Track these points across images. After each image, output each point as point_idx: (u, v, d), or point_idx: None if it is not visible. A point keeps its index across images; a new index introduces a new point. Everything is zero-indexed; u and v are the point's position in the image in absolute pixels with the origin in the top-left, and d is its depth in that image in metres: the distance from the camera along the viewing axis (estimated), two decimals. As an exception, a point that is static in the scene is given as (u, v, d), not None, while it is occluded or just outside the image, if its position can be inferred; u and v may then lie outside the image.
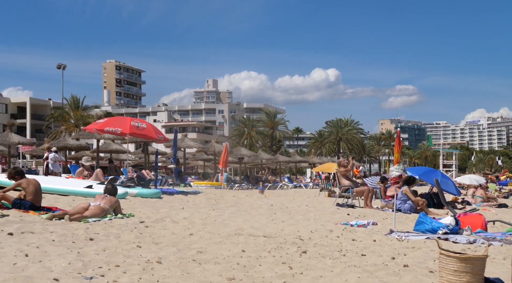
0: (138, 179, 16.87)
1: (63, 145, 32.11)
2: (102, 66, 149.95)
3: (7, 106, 77.00)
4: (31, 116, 76.64)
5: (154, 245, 6.64)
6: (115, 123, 17.02)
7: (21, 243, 6.17)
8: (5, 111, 75.86)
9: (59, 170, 22.72)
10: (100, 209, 9.13)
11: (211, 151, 38.32)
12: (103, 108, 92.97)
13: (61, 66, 56.83)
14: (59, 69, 57.21)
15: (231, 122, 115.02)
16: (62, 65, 56.83)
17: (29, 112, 76.69)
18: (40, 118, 75.21)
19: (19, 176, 9.60)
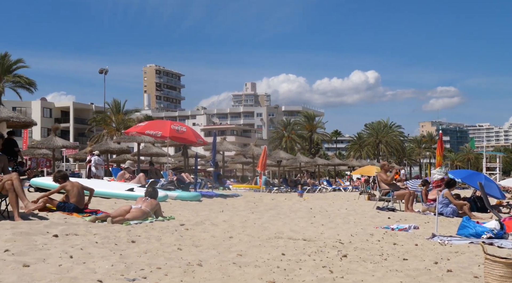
0: (178, 182, 17.04)
1: (105, 148, 32.72)
2: (143, 70, 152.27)
3: (51, 111, 78.96)
4: (74, 120, 78.39)
5: (194, 247, 6.69)
6: (156, 126, 17.26)
7: (65, 244, 6.29)
8: (49, 115, 77.80)
9: (101, 173, 23.14)
10: (141, 212, 9.25)
11: (249, 154, 38.43)
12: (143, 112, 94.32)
13: (103, 71, 57.89)
14: (101, 74, 58.27)
15: (270, 125, 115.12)
16: (104, 70, 57.90)
17: (72, 116, 78.47)
18: (82, 122, 76.89)
19: (63, 179, 9.83)
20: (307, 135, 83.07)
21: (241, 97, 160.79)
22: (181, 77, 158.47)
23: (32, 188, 14.15)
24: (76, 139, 70.84)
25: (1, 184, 8.01)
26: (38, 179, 15.18)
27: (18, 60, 57.26)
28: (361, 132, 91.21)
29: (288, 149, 75.29)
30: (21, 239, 6.42)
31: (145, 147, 35.08)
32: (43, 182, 14.23)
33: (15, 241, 6.26)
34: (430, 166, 70.68)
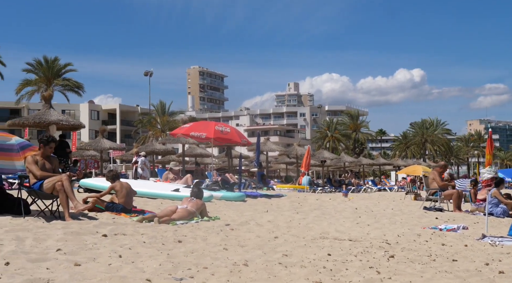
0: (222, 182, 17.15)
1: (150, 150, 33.25)
2: (186, 72, 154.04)
3: (98, 113, 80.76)
4: (121, 122, 79.94)
5: (240, 247, 6.72)
6: (200, 128, 17.44)
7: (114, 244, 6.42)
8: (97, 118, 79.56)
9: (147, 174, 23.49)
10: (187, 212, 9.35)
11: (293, 154, 38.36)
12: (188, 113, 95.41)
13: (148, 73, 58.87)
14: (146, 76, 59.31)
15: (313, 125, 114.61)
16: (149, 72, 58.87)
17: (118, 118, 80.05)
18: (129, 124, 78.34)
19: (114, 179, 10.07)
20: (351, 135, 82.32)
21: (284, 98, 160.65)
22: (224, 78, 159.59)
23: (81, 188, 14.50)
24: (123, 141, 72.21)
25: (52, 185, 8.24)
26: (87, 180, 15.56)
27: (67, 64, 58.84)
28: (407, 131, 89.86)
29: (331, 148, 74.82)
30: (72, 238, 6.59)
31: (190, 147, 35.51)
32: (92, 183, 14.58)
33: (66, 240, 6.43)
34: (478, 165, 68.98)
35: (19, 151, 8.89)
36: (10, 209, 8.43)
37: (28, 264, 5.04)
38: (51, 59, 57.76)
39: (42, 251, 5.74)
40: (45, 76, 56.77)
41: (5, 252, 5.51)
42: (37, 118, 20.10)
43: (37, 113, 21.16)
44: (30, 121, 20.39)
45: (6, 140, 8.90)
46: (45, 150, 8.66)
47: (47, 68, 56.91)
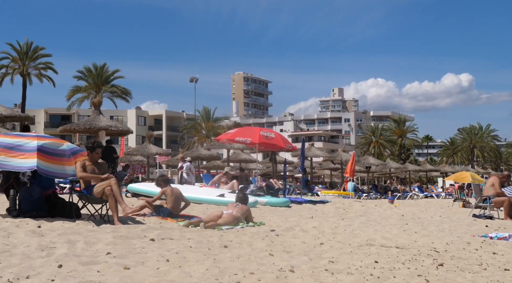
0: (267, 188, 17.18)
1: (196, 155, 33.61)
2: (231, 78, 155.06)
3: (145, 119, 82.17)
4: (167, 128, 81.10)
5: (285, 253, 6.71)
6: (245, 133, 17.54)
7: (162, 248, 6.52)
8: (143, 123, 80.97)
9: (192, 179, 23.72)
10: (232, 217, 9.41)
11: (337, 159, 38.09)
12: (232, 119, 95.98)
13: (193, 80, 59.58)
14: (191, 82, 60.04)
15: (358, 131, 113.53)
16: (194, 79, 59.57)
17: (164, 124, 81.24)
18: (174, 130, 79.41)
19: (165, 183, 10.25)
20: (397, 141, 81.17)
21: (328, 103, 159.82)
22: (269, 84, 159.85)
23: (129, 193, 14.77)
24: (169, 147, 73.22)
25: (102, 189, 8.44)
26: (135, 185, 15.85)
27: (115, 70, 60.23)
28: (454, 137, 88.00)
29: (377, 154, 73.92)
30: (121, 242, 6.72)
31: (234, 153, 35.71)
32: (139, 188, 14.85)
33: (115, 244, 6.57)
34: (530, 172, 66.85)
35: (70, 156, 9.15)
36: (62, 213, 8.68)
37: (79, 267, 5.17)
38: (100, 66, 59.25)
39: (93, 254, 5.89)
40: (95, 83, 58.26)
41: (58, 255, 5.67)
42: (87, 124, 20.63)
43: (87, 120, 21.72)
44: (80, 127, 20.95)
45: (58, 145, 9.16)
46: (92, 155, 8.89)
47: (96, 75, 58.41)
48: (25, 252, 5.79)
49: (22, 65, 52.19)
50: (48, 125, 72.84)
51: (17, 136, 9.18)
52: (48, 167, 8.64)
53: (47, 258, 5.49)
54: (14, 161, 8.51)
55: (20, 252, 5.74)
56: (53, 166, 8.77)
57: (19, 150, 8.64)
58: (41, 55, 53.70)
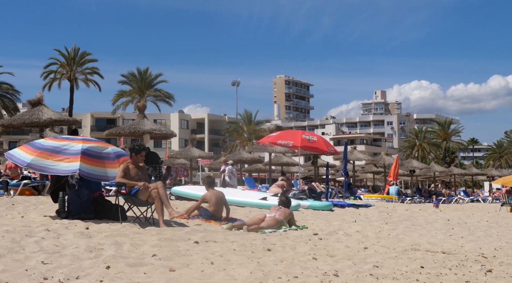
0: (309, 191, 17.12)
1: (238, 158, 33.77)
2: (273, 81, 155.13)
3: (188, 123, 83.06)
4: (209, 131, 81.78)
5: (329, 257, 6.68)
6: (287, 136, 17.51)
7: (206, 251, 6.58)
8: (186, 127, 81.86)
9: (234, 182, 23.84)
10: (275, 221, 9.42)
11: (380, 163, 37.65)
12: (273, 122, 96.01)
13: (235, 83, 59.91)
14: (233, 86, 60.38)
15: (401, 134, 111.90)
16: (236, 82, 59.89)
17: (207, 127, 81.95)
18: (216, 133, 79.98)
19: (209, 185, 10.34)
20: (441, 144, 79.62)
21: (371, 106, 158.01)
22: (310, 87, 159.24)
23: (173, 196, 14.96)
24: (211, 150, 73.73)
25: (148, 192, 8.58)
26: (179, 188, 16.04)
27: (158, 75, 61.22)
28: (501, 140, 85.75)
29: (420, 157, 72.70)
30: (166, 244, 6.82)
31: (276, 156, 35.68)
32: (183, 191, 15.03)
33: (161, 246, 6.67)
34: None
35: (115, 159, 9.35)
36: (109, 215, 8.87)
37: (126, 268, 5.28)
38: (144, 70, 60.28)
39: (139, 256, 6.00)
40: (139, 87, 59.33)
41: (106, 256, 5.80)
42: (132, 128, 21.00)
43: (132, 123, 22.10)
44: (125, 131, 21.35)
45: (102, 149, 9.38)
46: (137, 158, 9.04)
47: (140, 80, 59.49)
48: (74, 253, 5.94)
49: (70, 70, 53.54)
50: (94, 129, 74.44)
51: (64, 140, 9.45)
52: (91, 169, 8.86)
53: (95, 259, 5.63)
54: (60, 165, 8.76)
55: (70, 253, 5.90)
56: (96, 168, 8.98)
57: (65, 153, 8.89)
58: (88, 60, 54.96)
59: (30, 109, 18.84)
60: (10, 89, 50.61)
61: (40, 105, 18.43)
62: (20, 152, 9.17)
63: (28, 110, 19.07)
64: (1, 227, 7.56)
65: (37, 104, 18.51)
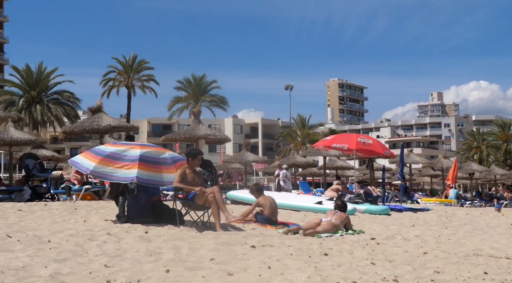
0: (365, 195, 16.91)
1: (292, 162, 33.71)
2: (326, 84, 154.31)
3: (241, 127, 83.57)
4: (262, 135, 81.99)
5: (388, 262, 6.58)
6: (342, 139, 17.39)
7: (263, 255, 6.60)
8: (240, 131, 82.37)
9: (289, 186, 23.80)
10: (331, 225, 9.35)
11: (438, 166, 36.77)
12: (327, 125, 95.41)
13: (288, 87, 59.86)
14: (286, 90, 60.33)
15: (459, 136, 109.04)
16: (289, 86, 59.84)
17: (260, 132, 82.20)
18: (270, 137, 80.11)
19: (258, 192, 10.39)
20: (502, 146, 77.04)
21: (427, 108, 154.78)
22: (364, 90, 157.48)
23: (228, 200, 15.08)
24: (264, 154, 73.94)
25: (205, 197, 8.69)
26: (234, 192, 16.16)
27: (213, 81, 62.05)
28: None
29: (479, 160, 70.58)
30: (223, 248, 6.88)
31: (330, 160, 35.44)
32: (238, 195, 15.14)
33: (218, 250, 6.73)
34: None
35: (172, 164, 9.51)
36: (167, 219, 9.03)
37: (185, 272, 5.36)
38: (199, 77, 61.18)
39: (197, 260, 6.08)
40: (194, 93, 60.29)
41: (165, 260, 5.91)
42: (188, 133, 21.33)
43: (187, 129, 22.45)
44: (181, 136, 21.72)
45: (159, 154, 9.56)
46: (193, 162, 9.16)
47: (195, 86, 60.42)
48: (135, 256, 6.08)
49: (127, 77, 54.96)
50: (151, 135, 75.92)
51: (123, 145, 9.69)
52: (148, 176, 9.03)
53: (155, 263, 5.74)
54: (120, 172, 8.98)
55: (131, 257, 6.04)
56: (152, 174, 9.15)
57: (124, 159, 9.11)
58: (144, 67, 56.27)
59: (90, 116, 19.41)
60: (71, 97, 52.32)
61: (99, 112, 18.94)
62: (83, 159, 9.46)
63: (89, 117, 19.65)
64: (66, 230, 7.82)
65: (97, 111, 19.03)
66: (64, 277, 4.89)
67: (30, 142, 22.36)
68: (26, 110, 48.35)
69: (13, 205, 11.76)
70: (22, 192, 14.71)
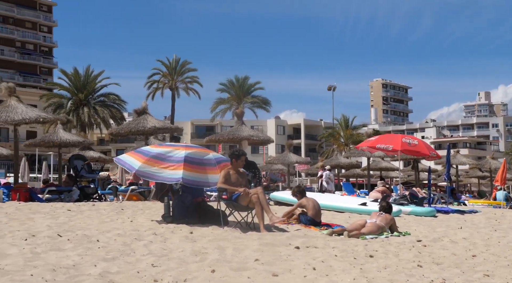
0: (410, 197, 16.65)
1: (335, 163, 33.47)
2: (369, 85, 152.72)
3: (284, 128, 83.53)
4: (305, 136, 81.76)
5: (435, 265, 6.47)
6: (386, 140, 17.15)
7: (307, 256, 6.58)
8: (283, 132, 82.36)
9: (332, 187, 23.66)
10: (376, 226, 9.25)
11: (486, 167, 35.90)
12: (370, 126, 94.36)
13: (331, 88, 59.47)
14: (329, 90, 59.93)
15: (507, 137, 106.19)
16: (332, 87, 59.44)
17: (303, 133, 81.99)
18: (313, 138, 79.81)
19: (300, 194, 10.36)
20: (554, 146, 74.65)
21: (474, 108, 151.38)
22: (408, 90, 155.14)
23: (271, 201, 15.09)
24: (307, 155, 73.69)
25: (249, 198, 8.72)
26: (277, 193, 16.18)
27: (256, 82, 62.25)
28: None
29: (530, 161, 68.54)
30: (267, 249, 6.89)
31: (374, 161, 35.01)
32: (282, 196, 15.14)
33: (262, 251, 6.75)
34: None
35: (216, 165, 9.59)
36: (211, 220, 9.10)
37: (231, 272, 5.40)
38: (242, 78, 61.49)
39: (242, 260, 6.11)
40: (237, 94, 60.59)
41: (210, 260, 5.96)
42: (231, 134, 21.46)
43: (230, 130, 22.58)
44: (224, 137, 21.87)
45: (203, 155, 9.66)
46: (237, 163, 9.20)
47: (238, 87, 60.73)
48: (181, 256, 6.15)
49: (171, 79, 55.72)
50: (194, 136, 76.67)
51: (168, 146, 9.84)
52: (192, 176, 9.13)
53: (200, 263, 5.80)
54: (165, 172, 9.11)
55: (176, 257, 6.12)
56: (197, 175, 9.24)
57: (169, 160, 9.24)
58: (188, 69, 56.95)
59: (136, 118, 19.74)
60: (117, 99, 53.32)
61: (145, 114, 19.25)
62: (129, 158, 9.64)
63: (134, 119, 19.99)
64: (113, 230, 7.99)
65: (142, 113, 19.35)
66: (112, 276, 4.99)
67: (78, 143, 22.94)
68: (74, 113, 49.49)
69: (62, 205, 12.08)
70: (71, 192, 15.09)
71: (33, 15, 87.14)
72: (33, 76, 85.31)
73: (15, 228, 7.88)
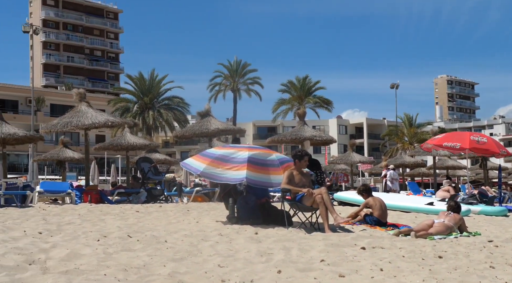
0: (480, 196, 16.14)
1: (399, 163, 32.88)
2: (433, 82, 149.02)
3: (346, 128, 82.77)
4: (368, 135, 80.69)
5: (508, 266, 6.24)
6: (454, 138, 16.70)
7: (373, 257, 6.50)
8: (345, 132, 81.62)
9: (397, 187, 23.25)
10: (444, 226, 9.02)
11: (561, 164, 34.32)
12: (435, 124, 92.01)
13: (394, 86, 58.48)
14: (392, 88, 58.97)
15: None
16: (395, 85, 58.45)
17: (365, 132, 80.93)
18: (376, 138, 78.69)
19: (367, 193, 10.25)
20: None
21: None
22: (475, 86, 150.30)
23: (335, 201, 15.01)
24: (370, 154, 72.63)
25: (312, 198, 8.71)
26: (341, 193, 16.06)
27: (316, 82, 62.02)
28: None
29: None
30: (333, 250, 6.86)
31: (440, 160, 34.15)
32: (345, 196, 15.03)
33: (328, 251, 6.72)
34: None
35: (279, 166, 9.63)
36: (275, 220, 9.16)
37: (297, 273, 5.41)
38: (302, 78, 61.37)
39: (308, 261, 6.11)
40: (298, 95, 60.55)
41: (276, 261, 6.00)
42: (293, 135, 21.48)
43: (292, 130, 22.60)
44: (287, 138, 21.91)
45: (266, 156, 9.73)
46: (300, 164, 9.20)
47: (299, 88, 60.67)
48: (247, 257, 6.22)
49: (233, 81, 56.33)
50: (256, 137, 77.15)
51: (231, 148, 9.98)
52: (256, 177, 9.22)
53: (266, 263, 5.84)
54: (229, 173, 9.25)
55: (242, 257, 6.19)
56: (260, 175, 9.32)
57: (232, 161, 9.37)
58: (249, 71, 57.43)
59: (199, 121, 20.10)
60: (180, 102, 54.44)
61: (208, 116, 19.55)
62: (193, 161, 9.88)
63: (198, 121, 20.36)
64: (180, 231, 8.16)
65: (206, 116, 19.67)
66: (181, 276, 5.10)
67: (145, 146, 23.55)
68: (140, 116, 50.87)
69: (131, 207, 12.46)
70: (138, 194, 15.53)
71: (101, 23, 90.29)
72: (101, 82, 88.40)
73: (88, 229, 8.20)
